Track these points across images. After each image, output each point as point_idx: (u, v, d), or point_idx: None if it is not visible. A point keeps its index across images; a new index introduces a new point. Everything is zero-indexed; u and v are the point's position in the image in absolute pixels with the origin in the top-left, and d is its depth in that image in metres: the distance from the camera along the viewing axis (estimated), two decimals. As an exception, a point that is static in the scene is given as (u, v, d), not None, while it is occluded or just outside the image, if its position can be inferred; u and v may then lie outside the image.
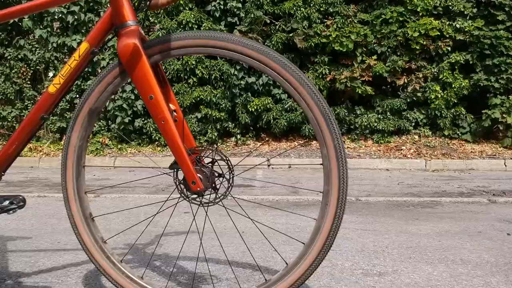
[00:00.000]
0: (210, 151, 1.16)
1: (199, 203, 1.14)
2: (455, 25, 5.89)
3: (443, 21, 5.93)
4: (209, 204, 1.15)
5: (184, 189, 1.15)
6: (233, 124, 6.15)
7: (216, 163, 1.16)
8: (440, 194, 3.45)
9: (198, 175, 1.10)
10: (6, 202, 1.10)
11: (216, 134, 6.02)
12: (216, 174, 1.15)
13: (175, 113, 1.17)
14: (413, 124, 6.17)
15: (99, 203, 2.96)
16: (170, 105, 1.17)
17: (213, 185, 1.15)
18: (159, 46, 1.11)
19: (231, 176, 1.14)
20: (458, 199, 3.17)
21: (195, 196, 1.14)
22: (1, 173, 1.20)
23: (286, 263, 1.14)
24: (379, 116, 6.11)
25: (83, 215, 1.17)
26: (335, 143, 1.06)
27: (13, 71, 6.05)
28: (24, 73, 6.06)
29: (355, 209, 2.73)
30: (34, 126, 1.18)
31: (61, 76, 1.15)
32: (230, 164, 1.14)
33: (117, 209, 2.67)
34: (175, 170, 1.16)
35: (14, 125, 6.11)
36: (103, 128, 6.01)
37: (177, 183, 1.15)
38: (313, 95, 1.06)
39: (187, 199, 1.15)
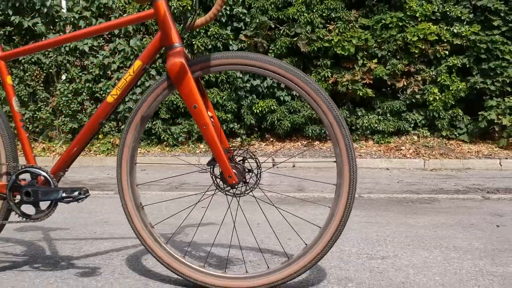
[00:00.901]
0: (242, 151, 1.39)
1: (233, 194, 1.37)
2: (453, 30, 6.09)
3: (441, 26, 6.13)
4: (241, 195, 1.37)
5: (220, 183, 1.38)
6: (239, 125, 6.37)
7: (246, 161, 1.39)
8: (437, 191, 3.68)
9: (233, 170, 1.33)
10: (76, 193, 1.33)
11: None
12: (247, 170, 1.38)
13: (212, 119, 1.40)
14: (412, 125, 6.38)
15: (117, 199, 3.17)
16: (208, 112, 1.39)
17: (244, 179, 1.38)
18: (201, 64, 1.34)
19: (259, 172, 1.37)
20: (454, 196, 3.39)
21: (229, 188, 1.37)
22: (66, 169, 1.43)
23: (306, 244, 1.37)
24: (379, 117, 6.32)
25: (135, 204, 1.40)
26: (346, 143, 1.29)
27: (27, 74, 6.26)
28: (37, 76, 6.28)
29: (358, 205, 2.95)
30: (94, 130, 1.41)
31: (118, 88, 1.37)
32: (258, 161, 1.37)
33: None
34: (212, 166, 1.39)
35: (28, 126, 6.33)
36: (113, 129, 6.23)
37: (214, 178, 1.38)
38: (328, 104, 1.29)
39: (223, 191, 1.38)
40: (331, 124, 1.28)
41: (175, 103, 6.16)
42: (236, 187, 1.35)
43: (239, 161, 1.38)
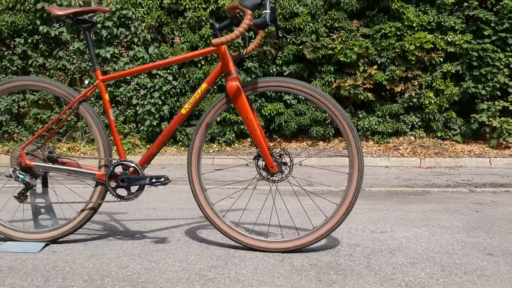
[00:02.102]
0: (278, 149, 1.90)
1: (273, 181, 1.87)
2: (447, 38, 6.59)
3: (436, 35, 6.63)
4: (279, 181, 1.88)
5: (262, 173, 1.88)
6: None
7: (281, 156, 1.89)
8: (430, 185, 4.18)
9: (274, 163, 1.83)
10: (162, 179, 1.84)
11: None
12: (283, 163, 1.88)
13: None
14: (409, 126, 6.88)
15: (156, 191, 3.68)
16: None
17: (281, 169, 1.88)
18: (250, 86, 1.85)
19: (291, 165, 1.88)
20: (444, 189, 3.90)
21: (269, 176, 1.87)
22: (146, 165, 1.93)
23: (326, 216, 1.87)
24: (379, 119, 6.82)
25: (201, 188, 1.90)
26: (356, 143, 1.79)
27: (53, 79, 6.76)
28: (62, 81, 6.77)
29: (361, 196, 3.45)
30: (170, 135, 1.91)
31: (189, 103, 1.88)
32: (291, 157, 1.88)
33: (170, 196, 3.39)
34: (257, 160, 1.89)
35: (53, 126, 6.81)
36: (133, 130, 6.73)
37: (258, 169, 1.89)
38: (343, 114, 1.79)
39: (265, 178, 1.88)
40: (345, 130, 1.79)
41: (190, 106, 6.66)
42: (275, 175, 1.86)
43: (277, 156, 1.88)
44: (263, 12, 1.70)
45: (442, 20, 6.59)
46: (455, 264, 1.76)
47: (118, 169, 1.91)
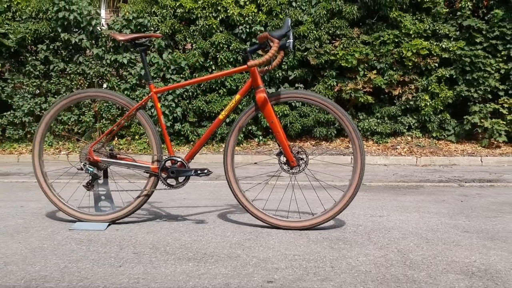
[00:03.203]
0: (296, 147, 2.36)
1: (292, 173, 2.34)
2: (441, 45, 7.03)
3: (431, 42, 7.08)
4: (296, 173, 2.34)
5: (284, 166, 2.34)
6: (256, 127, 7.33)
7: (299, 153, 2.36)
8: (424, 181, 4.65)
9: (294, 158, 2.30)
10: (206, 171, 2.30)
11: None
12: (300, 158, 2.34)
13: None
14: (406, 127, 7.33)
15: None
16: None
17: (298, 164, 2.34)
18: (275, 97, 2.31)
19: (307, 160, 2.34)
20: (436, 184, 4.36)
21: (289, 169, 2.33)
22: (190, 160, 2.40)
23: (334, 200, 2.34)
24: (378, 120, 7.27)
25: (235, 179, 2.37)
26: (359, 143, 2.26)
27: (73, 83, 7.23)
28: (82, 85, 7.23)
29: (361, 190, 3.92)
30: (210, 136, 2.38)
31: (226, 110, 2.34)
32: (306, 154, 2.34)
33: (193, 190, 3.86)
34: (279, 156, 2.36)
35: (73, 128, 7.29)
36: (148, 130, 7.18)
37: (281, 163, 2.35)
38: (349, 120, 2.25)
39: (285, 171, 2.35)
40: (350, 132, 2.25)
41: (201, 108, 7.12)
42: (294, 168, 2.32)
43: (296, 153, 2.35)
44: (287, 41, 2.16)
45: (437, 28, 7.04)
46: (437, 238, 2.22)
47: (168, 163, 2.37)
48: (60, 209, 2.46)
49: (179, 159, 2.37)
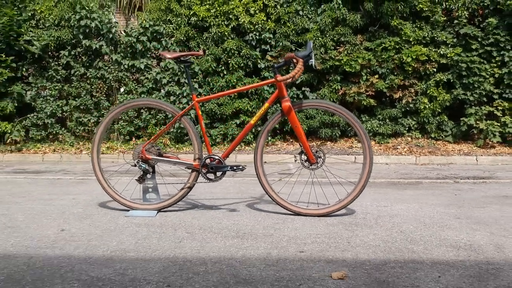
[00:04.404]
0: (315, 147, 2.82)
1: (312, 169, 2.79)
2: (439, 51, 7.48)
3: (430, 48, 7.52)
4: (315, 169, 2.80)
5: (305, 163, 2.80)
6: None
7: (317, 152, 2.81)
8: (423, 178, 5.10)
9: (313, 156, 2.76)
10: (240, 167, 2.76)
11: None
12: (318, 157, 2.80)
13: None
14: (406, 128, 7.77)
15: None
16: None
17: (317, 161, 2.80)
18: (298, 105, 2.77)
19: (324, 158, 2.80)
20: (434, 181, 4.82)
21: (309, 165, 2.79)
22: (226, 158, 2.85)
23: (347, 192, 2.80)
24: (380, 122, 7.72)
25: (263, 173, 2.83)
26: (368, 143, 2.72)
27: (93, 87, 7.68)
28: (101, 89, 7.69)
29: (367, 185, 4.36)
30: (242, 138, 2.83)
31: (256, 117, 2.80)
32: (323, 152, 2.80)
33: (216, 185, 4.31)
34: (301, 154, 2.81)
35: (93, 129, 7.74)
36: (164, 132, 7.64)
37: (302, 161, 2.81)
38: (359, 124, 2.71)
39: (306, 167, 2.80)
40: (361, 134, 2.71)
41: (213, 110, 7.57)
42: (313, 165, 2.78)
43: (315, 152, 2.81)
44: (310, 60, 2.62)
45: (435, 35, 7.49)
46: (433, 222, 2.68)
47: (208, 161, 2.83)
48: (115, 199, 2.92)
49: (217, 157, 2.83)
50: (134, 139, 7.73)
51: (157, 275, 1.75)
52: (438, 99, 7.42)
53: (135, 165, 2.85)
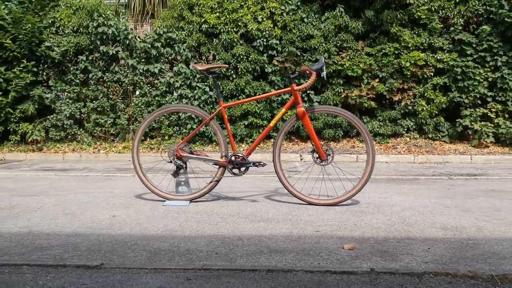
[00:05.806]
0: (325, 146, 3.28)
1: (322, 165, 3.25)
2: (436, 57, 7.93)
3: (427, 54, 7.97)
4: (325, 165, 3.26)
5: (317, 160, 3.26)
6: (272, 130, 8.24)
7: (327, 150, 3.27)
8: (420, 175, 5.56)
9: (324, 154, 3.22)
10: (262, 163, 3.22)
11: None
12: (328, 154, 3.26)
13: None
14: (405, 129, 8.23)
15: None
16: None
17: (327, 158, 3.26)
18: (310, 110, 3.23)
19: (333, 155, 3.26)
20: (429, 177, 5.28)
21: (319, 161, 3.25)
22: (249, 155, 3.31)
23: (353, 184, 3.27)
24: (380, 123, 8.18)
25: (281, 168, 3.29)
26: (371, 143, 3.18)
27: (109, 90, 8.14)
28: (117, 91, 8.15)
29: (369, 181, 4.82)
30: (263, 138, 3.29)
31: (274, 120, 3.26)
32: (332, 151, 3.26)
33: (233, 181, 4.76)
34: (313, 152, 3.28)
35: (109, 129, 8.19)
36: (176, 131, 8.11)
37: (314, 158, 3.27)
38: (364, 127, 3.18)
39: (317, 164, 3.27)
40: (365, 137, 3.17)
41: (223, 112, 8.03)
42: (323, 162, 3.24)
43: (325, 150, 3.27)
44: (322, 73, 3.07)
45: (432, 41, 7.95)
46: (427, 211, 3.15)
47: (233, 158, 3.29)
48: (153, 191, 3.38)
49: (241, 155, 3.29)
50: (148, 139, 8.19)
51: (205, 247, 2.22)
52: (435, 101, 7.87)
53: (170, 161, 3.31)
